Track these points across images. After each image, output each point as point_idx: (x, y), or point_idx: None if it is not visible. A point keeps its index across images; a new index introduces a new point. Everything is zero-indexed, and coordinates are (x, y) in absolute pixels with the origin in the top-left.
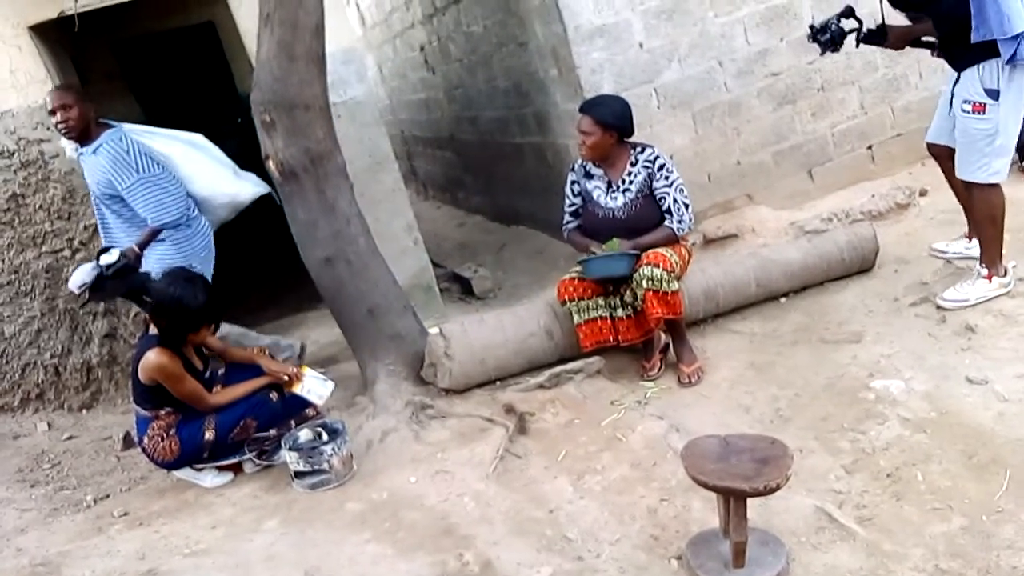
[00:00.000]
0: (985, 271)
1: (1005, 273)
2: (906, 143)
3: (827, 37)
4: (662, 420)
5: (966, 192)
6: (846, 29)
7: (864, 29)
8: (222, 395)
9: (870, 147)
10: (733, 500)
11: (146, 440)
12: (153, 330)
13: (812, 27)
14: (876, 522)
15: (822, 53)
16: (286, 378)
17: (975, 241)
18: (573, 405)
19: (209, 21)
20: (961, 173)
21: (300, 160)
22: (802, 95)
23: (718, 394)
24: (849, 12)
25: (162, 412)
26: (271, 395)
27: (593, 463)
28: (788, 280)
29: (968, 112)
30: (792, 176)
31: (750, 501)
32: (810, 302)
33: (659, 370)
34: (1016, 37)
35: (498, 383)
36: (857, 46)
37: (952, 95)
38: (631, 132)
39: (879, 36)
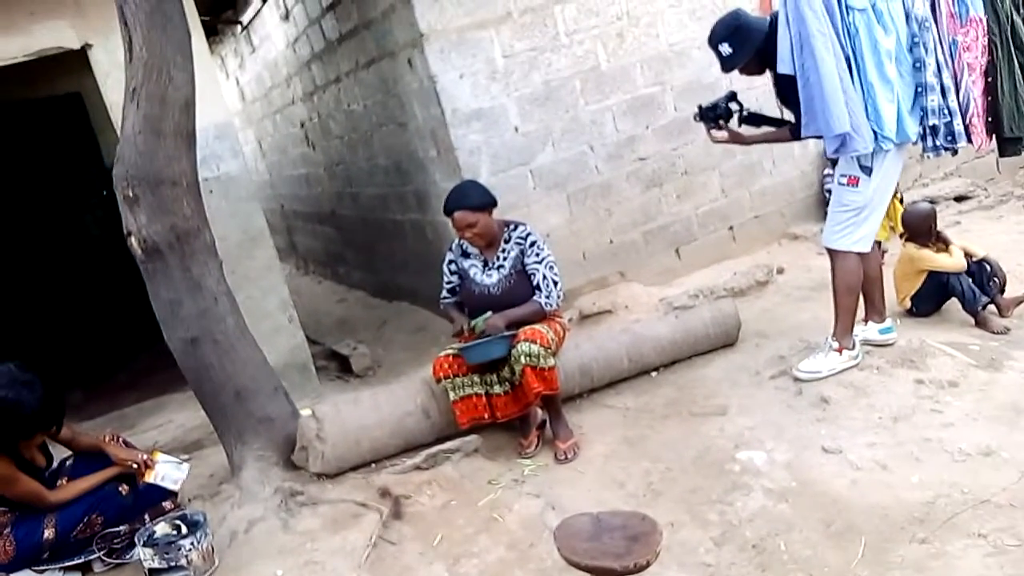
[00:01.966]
0: (836, 344)
1: (854, 346)
2: (763, 224)
3: (715, 114)
4: (539, 498)
5: (831, 262)
6: (732, 110)
7: (745, 112)
8: (64, 491)
9: (731, 228)
10: None
11: None
12: None
13: (701, 107)
14: None
15: (708, 130)
16: (135, 467)
17: (869, 324)
18: (450, 486)
19: (76, 92)
20: (826, 240)
21: (165, 237)
22: (668, 179)
23: (593, 469)
24: (733, 96)
25: None
26: (120, 487)
27: (470, 546)
28: (658, 355)
29: (844, 184)
30: (661, 254)
31: None
32: (679, 375)
33: (536, 447)
34: (841, 135)
35: (373, 465)
36: (740, 125)
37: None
38: (496, 202)
39: (756, 120)
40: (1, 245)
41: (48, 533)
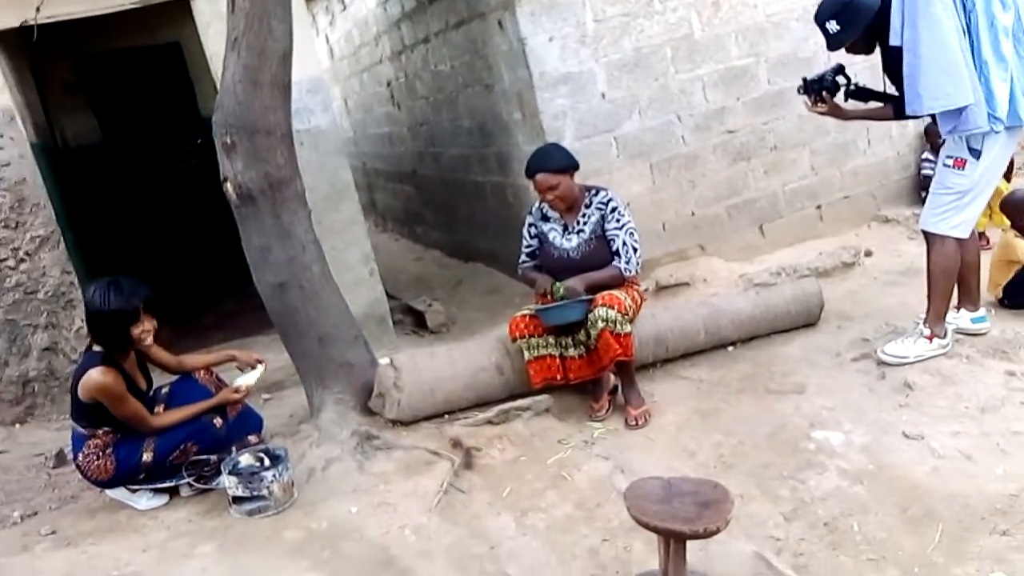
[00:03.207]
0: (927, 331)
1: (945, 334)
2: (853, 205)
3: (820, 87)
4: (608, 461)
5: (927, 246)
6: (839, 83)
7: (852, 86)
8: (164, 417)
9: (819, 207)
10: (673, 542)
11: (81, 457)
12: (97, 347)
13: (805, 79)
14: (812, 570)
15: (813, 103)
16: (237, 397)
17: (962, 311)
18: (520, 442)
19: (175, 42)
20: (924, 223)
21: (259, 184)
22: (756, 153)
23: (663, 437)
24: (841, 69)
25: (99, 431)
26: (215, 420)
27: (537, 501)
28: (736, 329)
29: (949, 166)
30: (744, 230)
31: (690, 544)
32: (756, 352)
33: (607, 411)
34: (960, 109)
35: (446, 417)
36: (846, 100)
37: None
38: (578, 165)
39: (863, 95)
40: (100, 190)
41: (147, 456)
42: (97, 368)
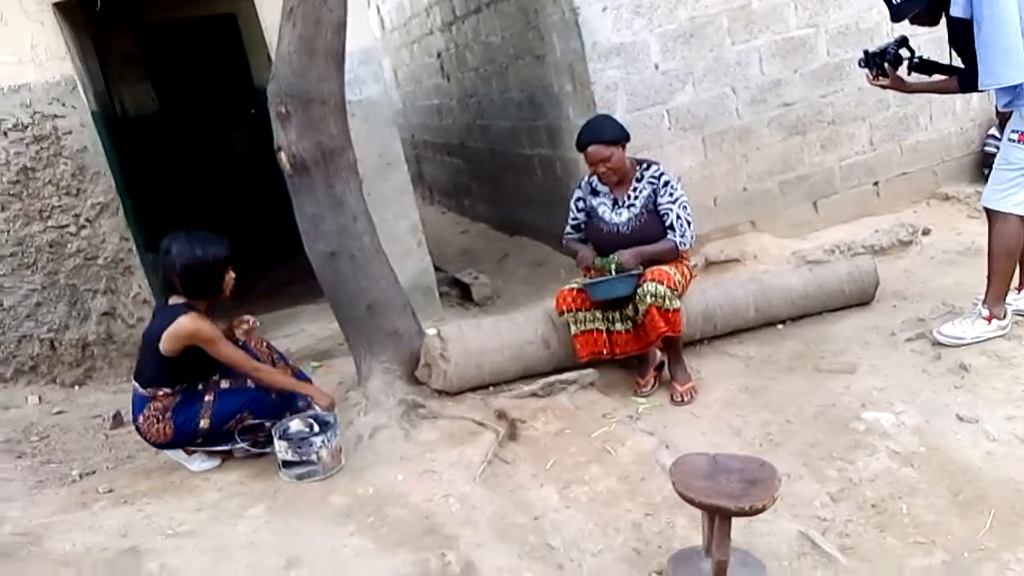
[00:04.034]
0: (986, 312)
1: (1004, 315)
2: (911, 182)
3: (882, 60)
4: (652, 436)
5: (988, 224)
6: (903, 56)
7: (915, 58)
8: (268, 372)
9: (876, 183)
10: (718, 518)
11: (141, 419)
12: (175, 301)
13: (867, 52)
14: (858, 551)
15: (875, 76)
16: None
17: (1023, 292)
18: (565, 415)
19: (231, 13)
20: (986, 200)
21: (312, 154)
22: (812, 127)
23: (709, 415)
24: (904, 41)
25: (161, 393)
26: (272, 392)
27: (581, 473)
28: (787, 307)
29: (1014, 141)
30: (797, 206)
31: (735, 521)
32: (807, 330)
33: (652, 387)
34: (1016, 86)
35: (492, 388)
36: (909, 73)
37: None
38: (629, 136)
39: (927, 68)
40: (157, 159)
41: (204, 423)
42: (188, 315)
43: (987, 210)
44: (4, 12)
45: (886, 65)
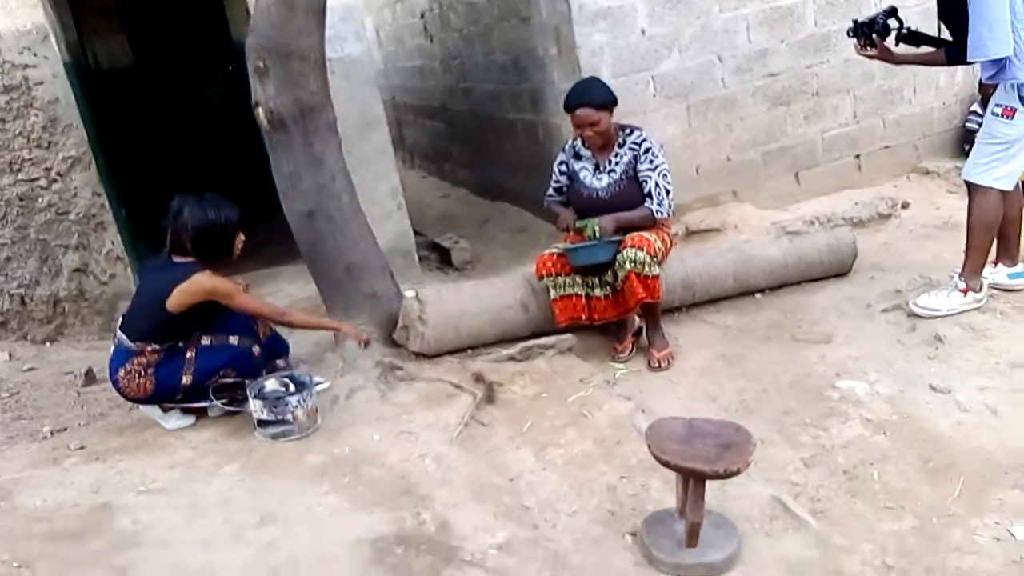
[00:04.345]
0: (963, 284)
1: (980, 288)
2: (893, 155)
3: (871, 30)
4: (629, 401)
5: (968, 197)
6: (891, 26)
7: (904, 29)
8: (294, 314)
9: (858, 156)
10: (692, 481)
11: (122, 372)
12: (181, 260)
13: (856, 21)
14: (829, 515)
15: (862, 46)
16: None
17: (1000, 266)
18: (542, 379)
19: None
20: (967, 173)
21: (290, 110)
22: (797, 98)
23: (686, 381)
24: (893, 12)
25: (149, 348)
26: (254, 348)
27: (557, 436)
28: (766, 277)
29: (997, 115)
30: (779, 177)
31: (709, 484)
32: (785, 300)
33: (630, 353)
34: (1001, 60)
35: (469, 352)
36: (897, 43)
37: None
38: (617, 100)
39: (915, 39)
40: (131, 114)
41: (186, 379)
42: (204, 273)
43: (967, 183)
44: None
45: (874, 35)
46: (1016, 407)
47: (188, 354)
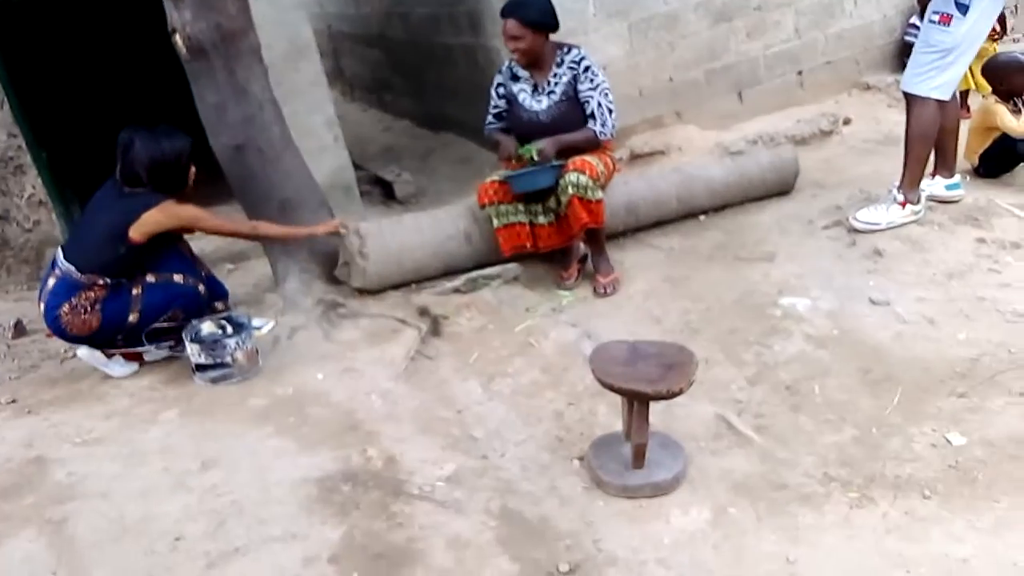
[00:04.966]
0: (901, 197)
1: (918, 201)
2: (835, 71)
3: None
4: (575, 328)
5: (906, 108)
6: None
7: None
8: (265, 225)
9: (800, 72)
10: (636, 403)
11: (66, 307)
12: (137, 190)
13: None
14: (772, 431)
15: None
16: (343, 230)
17: (937, 178)
18: (488, 310)
19: None
20: (905, 84)
21: (209, 36)
22: (739, 13)
23: (631, 305)
24: None
25: (99, 283)
26: (199, 287)
27: (504, 367)
28: (709, 197)
29: (935, 22)
30: (722, 96)
31: (653, 405)
32: (729, 220)
33: (576, 279)
34: None
35: (413, 286)
36: None
37: None
38: (557, 27)
39: None
40: (43, 48)
41: (132, 317)
42: (169, 202)
43: (905, 95)
44: None
45: None
46: (952, 317)
47: (134, 291)
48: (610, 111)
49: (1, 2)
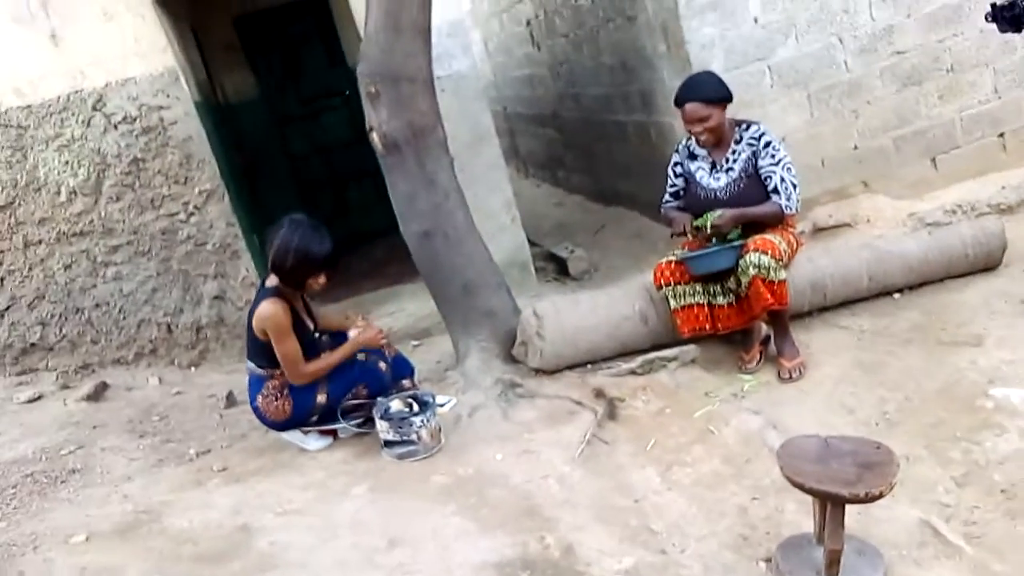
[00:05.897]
0: None
1: None
2: None
3: (1012, 13)
4: (758, 415)
5: None
6: None
7: None
8: (314, 364)
9: (1002, 135)
10: (830, 505)
11: (260, 399)
12: (270, 282)
13: (994, 4)
14: (986, 540)
15: (1002, 31)
16: (383, 343)
17: None
18: (665, 393)
19: None
20: None
21: (403, 133)
22: (929, 76)
23: (820, 392)
24: None
25: (277, 371)
26: (380, 364)
27: (683, 455)
28: (904, 275)
29: None
30: (913, 163)
31: (849, 508)
32: (927, 300)
33: (758, 363)
34: None
35: (589, 366)
36: None
37: None
38: (732, 97)
39: None
40: (258, 144)
41: (320, 398)
42: (269, 299)
43: None
44: (108, 8)
45: (1019, 21)
46: None
47: None
48: (794, 185)
49: (223, 105)
